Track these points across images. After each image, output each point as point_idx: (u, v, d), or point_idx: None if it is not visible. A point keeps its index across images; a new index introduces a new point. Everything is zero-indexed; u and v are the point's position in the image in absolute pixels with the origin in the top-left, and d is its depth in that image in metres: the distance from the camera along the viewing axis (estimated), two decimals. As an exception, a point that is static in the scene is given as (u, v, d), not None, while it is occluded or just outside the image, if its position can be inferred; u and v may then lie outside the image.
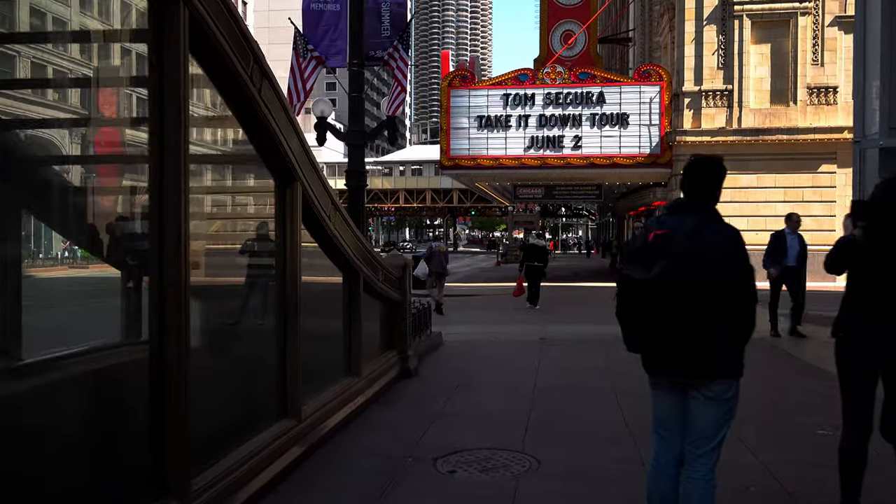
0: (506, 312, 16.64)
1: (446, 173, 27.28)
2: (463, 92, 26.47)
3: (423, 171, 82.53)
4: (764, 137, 24.85)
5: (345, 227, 6.22)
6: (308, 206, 5.37)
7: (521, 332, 12.86)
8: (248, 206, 5.92)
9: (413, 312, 9.91)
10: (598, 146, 25.86)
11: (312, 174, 5.40)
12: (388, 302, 8.18)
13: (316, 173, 5.48)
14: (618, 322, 3.58)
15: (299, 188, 5.17)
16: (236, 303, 5.31)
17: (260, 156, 4.98)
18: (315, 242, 6.03)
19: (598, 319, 14.59)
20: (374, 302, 7.71)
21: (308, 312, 5.50)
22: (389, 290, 7.95)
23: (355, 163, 12.58)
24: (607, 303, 13.67)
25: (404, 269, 8.46)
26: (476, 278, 30.24)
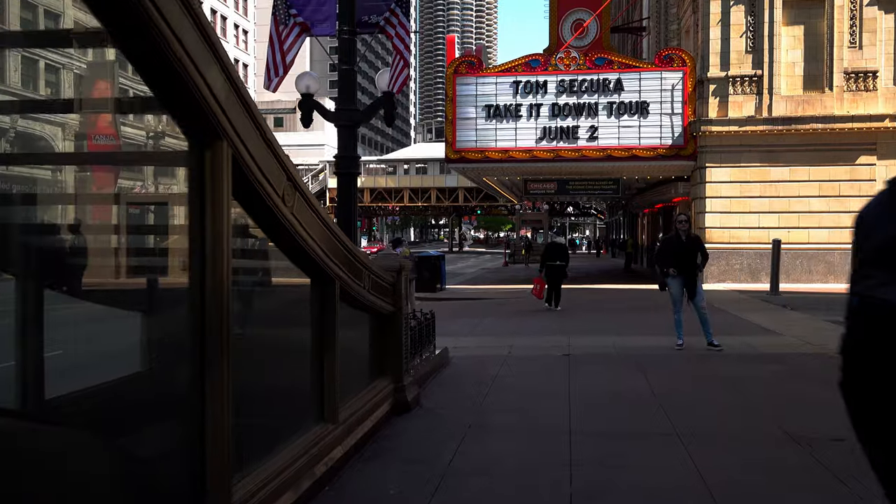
0: (519, 319, 14.75)
1: (452, 167, 25.43)
2: (470, 79, 24.59)
3: (427, 169, 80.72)
4: (797, 127, 22.90)
5: (309, 215, 4.34)
6: (243, 179, 3.49)
7: (539, 345, 10.96)
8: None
9: (412, 325, 8.03)
10: (615, 137, 23.95)
11: (250, 131, 3.52)
12: (377, 316, 6.31)
13: (257, 130, 3.61)
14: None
15: (226, 151, 3.29)
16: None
17: (157, 98, 3.12)
18: (263, 237, 4.19)
19: (624, 329, 12.77)
20: (357, 316, 5.84)
21: (253, 341, 3.65)
22: (379, 300, 6.07)
23: (346, 147, 10.71)
24: (629, 308, 11.80)
25: (400, 273, 6.58)
26: (483, 280, 28.36)
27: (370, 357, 6.29)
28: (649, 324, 13.49)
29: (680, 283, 10.78)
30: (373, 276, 5.81)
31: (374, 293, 5.90)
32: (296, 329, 4.74)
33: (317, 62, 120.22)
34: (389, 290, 6.40)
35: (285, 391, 4.55)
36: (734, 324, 13.14)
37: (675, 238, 11.01)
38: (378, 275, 5.99)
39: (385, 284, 6.26)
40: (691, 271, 10.69)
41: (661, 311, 15.60)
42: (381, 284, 6.14)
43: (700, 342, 10.28)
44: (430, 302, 19.89)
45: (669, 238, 11.28)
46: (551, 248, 18.25)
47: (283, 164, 3.98)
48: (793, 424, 5.85)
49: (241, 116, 3.45)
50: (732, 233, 23.48)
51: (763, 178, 23.33)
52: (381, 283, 6.10)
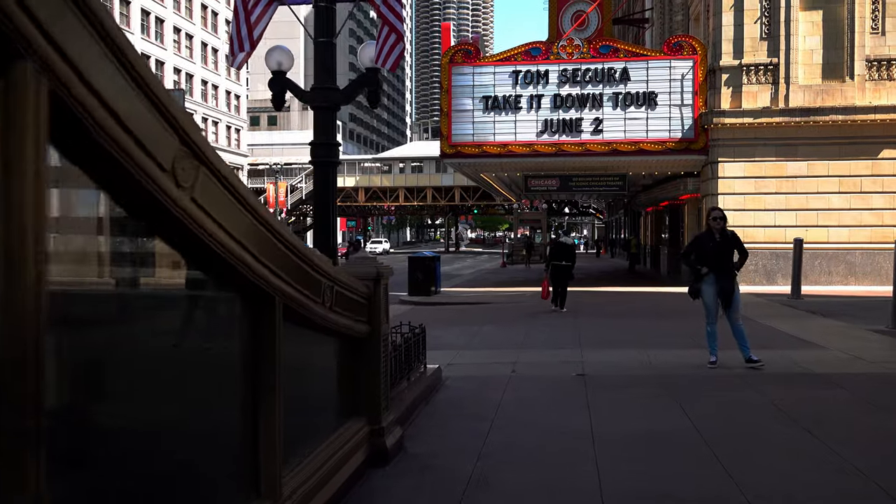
0: (523, 327, 13.25)
1: (448, 162, 23.95)
2: (466, 69, 23.10)
3: (423, 168, 79.13)
4: (815, 118, 21.45)
5: (227, 203, 2.86)
6: (80, 136, 2.00)
7: (548, 360, 9.47)
8: None
9: (395, 344, 6.55)
10: (621, 130, 22.49)
11: (99, 58, 2.02)
12: (347, 339, 4.81)
13: (116, 58, 2.09)
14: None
15: (33, 82, 1.78)
16: None
17: None
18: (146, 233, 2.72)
19: (644, 340, 11.25)
20: (316, 342, 4.35)
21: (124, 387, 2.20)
22: (349, 319, 4.58)
23: (323, 132, 9.23)
24: (644, 314, 10.16)
25: (377, 283, 5.08)
26: (481, 282, 26.86)
27: (337, 393, 4.79)
28: (670, 333, 12.01)
29: (714, 289, 9.27)
30: (338, 287, 4.30)
31: (341, 311, 4.39)
32: (210, 372, 3.24)
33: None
34: (363, 306, 4.90)
35: (189, 468, 3.05)
36: (765, 334, 11.66)
37: (706, 236, 9.48)
38: (347, 286, 4.49)
39: (357, 298, 4.76)
40: (727, 275, 9.18)
41: (681, 318, 14.15)
42: (352, 299, 4.64)
43: (735, 357, 8.80)
44: (424, 307, 18.43)
45: (701, 237, 9.73)
46: (557, 247, 17.27)
47: (175, 120, 2.46)
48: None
49: (77, 27, 1.95)
50: (746, 232, 21.92)
51: (779, 173, 21.87)
52: (351, 296, 4.60)
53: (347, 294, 4.51)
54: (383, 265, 5.21)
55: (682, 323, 13.41)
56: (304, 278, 3.73)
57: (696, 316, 14.85)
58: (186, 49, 63.15)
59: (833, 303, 17.05)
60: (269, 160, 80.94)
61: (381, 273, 5.09)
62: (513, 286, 24.44)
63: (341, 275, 4.44)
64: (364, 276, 5.00)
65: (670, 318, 14.37)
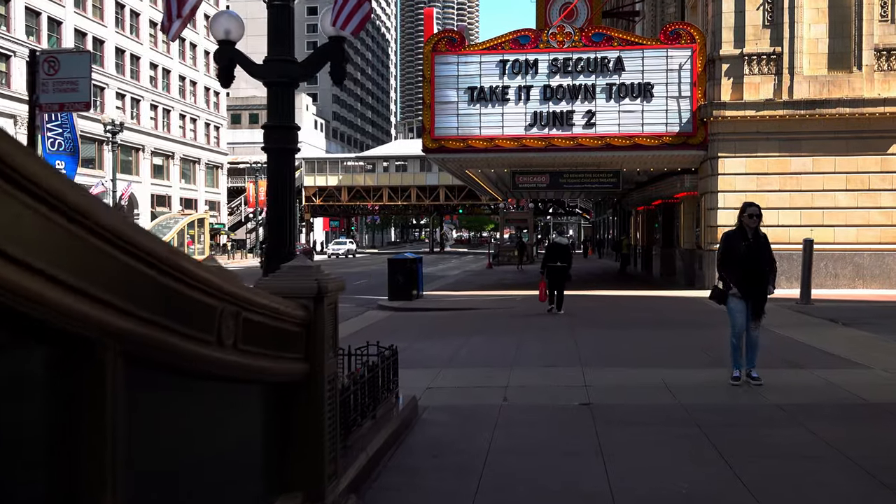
0: (512, 337, 11.80)
1: (430, 158, 22.51)
2: (451, 58, 21.65)
3: (407, 167, 77.66)
4: (821, 111, 20.18)
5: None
6: None
7: (546, 383, 8.02)
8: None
9: (355, 377, 5.10)
10: (615, 123, 21.12)
11: None
12: (268, 387, 3.33)
13: None
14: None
15: None
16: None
17: None
18: None
19: (652, 354, 9.73)
20: (211, 398, 2.87)
21: None
22: (267, 358, 3.11)
23: (279, 112, 7.77)
24: (647, 322, 8.47)
25: (318, 301, 3.60)
26: (467, 285, 25.41)
27: (253, 465, 3.31)
28: (680, 347, 10.61)
29: (744, 299, 7.89)
30: (250, 313, 2.83)
31: (255, 348, 2.92)
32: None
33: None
34: (296, 337, 3.43)
35: None
36: (787, 348, 10.30)
37: (737, 235, 8.04)
38: (265, 310, 3.02)
39: (285, 326, 3.29)
40: (759, 282, 7.88)
41: (688, 328, 12.77)
42: (276, 328, 3.17)
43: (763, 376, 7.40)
44: (405, 314, 16.96)
45: (731, 236, 8.22)
46: (553, 248, 16.48)
47: None
48: None
49: None
50: (748, 232, 20.65)
51: (783, 169, 20.57)
52: (273, 324, 3.13)
53: (267, 322, 3.04)
54: (330, 277, 3.74)
55: (691, 334, 12.05)
56: (175, 304, 2.26)
57: (704, 326, 13.52)
58: (163, 44, 61.23)
59: (845, 308, 15.75)
60: (251, 159, 79.09)
61: (326, 288, 3.62)
62: (501, 289, 23.02)
63: (256, 295, 2.97)
64: (299, 293, 3.53)
65: (676, 327, 12.99)
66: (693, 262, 22.94)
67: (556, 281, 15.81)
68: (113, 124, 42.87)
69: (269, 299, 3.07)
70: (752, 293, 7.85)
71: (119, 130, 43.34)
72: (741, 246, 7.86)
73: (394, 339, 12.47)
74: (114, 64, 54.25)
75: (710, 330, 12.49)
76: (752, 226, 7.92)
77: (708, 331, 12.46)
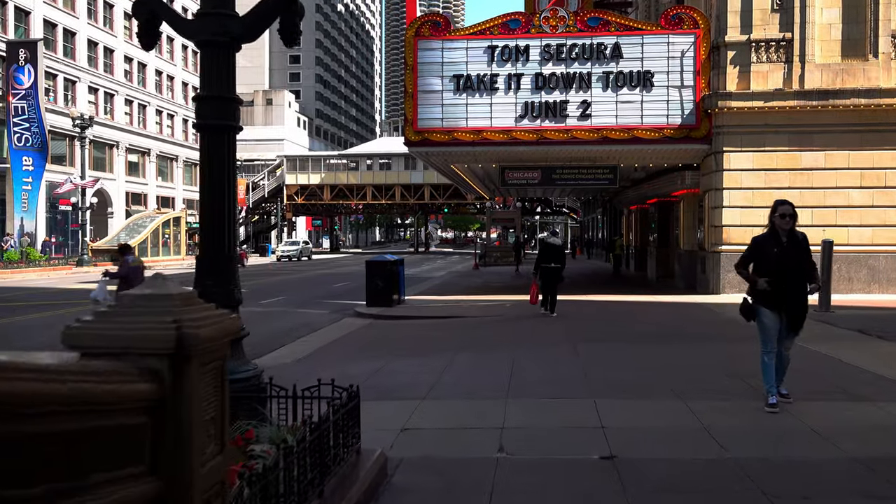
0: (505, 354, 10.17)
1: (413, 151, 20.85)
2: (434, 43, 20.01)
3: (391, 165, 75.89)
4: (834, 102, 18.70)
5: None
6: None
7: (550, 423, 6.38)
8: None
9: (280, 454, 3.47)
10: (612, 115, 19.56)
11: None
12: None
13: None
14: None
15: None
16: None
17: None
18: None
19: (672, 380, 7.89)
20: None
21: None
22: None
23: (214, 80, 6.15)
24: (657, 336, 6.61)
25: (182, 362, 1.96)
26: (452, 288, 23.75)
27: None
28: (703, 367, 9.04)
29: (777, 311, 6.64)
30: None
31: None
32: None
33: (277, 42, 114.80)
34: (132, 433, 1.80)
35: None
36: (829, 369, 8.77)
37: (769, 239, 6.79)
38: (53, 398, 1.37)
39: (106, 422, 1.65)
40: (797, 291, 6.72)
41: (704, 342, 11.20)
42: (80, 430, 1.53)
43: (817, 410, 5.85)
44: (384, 322, 15.31)
45: (761, 240, 6.99)
46: (546, 249, 15.88)
47: None
48: None
49: None
50: (755, 232, 19.07)
51: (793, 164, 19.07)
52: (78, 423, 1.49)
53: (64, 416, 1.40)
54: (209, 317, 2.09)
55: (708, 350, 10.49)
56: None
57: (719, 339, 11.76)
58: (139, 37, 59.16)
59: (868, 317, 14.27)
60: (231, 156, 77.04)
61: (195, 339, 1.97)
62: (489, 293, 21.39)
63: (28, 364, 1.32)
64: (142, 346, 1.89)
65: (688, 341, 11.42)
66: (694, 264, 21.42)
67: (550, 282, 15.33)
68: (82, 118, 40.90)
69: (55, 382, 1.42)
70: (787, 305, 6.70)
71: (88, 125, 41.37)
72: (773, 251, 6.62)
73: (367, 356, 10.83)
74: (86, 57, 52.18)
75: (729, 345, 10.95)
76: (785, 227, 6.82)
77: (726, 346, 10.91)
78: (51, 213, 47.83)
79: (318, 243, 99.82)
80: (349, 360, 10.05)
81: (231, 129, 6.18)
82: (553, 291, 15.42)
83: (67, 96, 50.50)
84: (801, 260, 6.80)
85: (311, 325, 15.30)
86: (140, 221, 50.55)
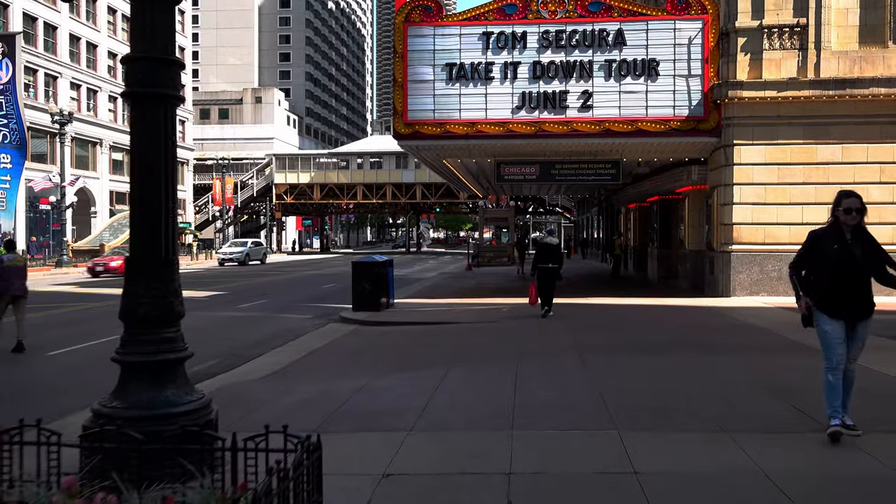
0: (506, 369, 8.92)
1: (403, 145, 19.59)
2: (426, 30, 18.76)
3: (382, 164, 74.53)
4: (852, 92, 17.54)
5: None
6: None
7: (570, 467, 5.11)
8: None
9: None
10: (615, 106, 18.36)
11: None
12: None
13: None
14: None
15: None
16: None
17: None
18: None
19: (708, 404, 6.73)
20: None
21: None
22: None
23: (149, 35, 4.89)
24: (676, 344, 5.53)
25: None
26: (444, 291, 22.49)
27: None
28: (734, 381, 7.80)
29: (840, 318, 5.65)
30: None
31: None
32: None
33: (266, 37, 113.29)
34: None
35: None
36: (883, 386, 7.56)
37: (830, 234, 5.66)
38: None
39: None
40: (861, 295, 5.67)
41: (728, 352, 9.97)
42: None
43: None
44: (370, 328, 14.03)
45: (819, 235, 5.82)
46: (544, 249, 15.46)
47: None
48: None
49: None
50: (768, 231, 18.00)
51: (808, 159, 17.90)
52: None
53: None
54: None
55: (737, 363, 9.26)
56: None
57: (745, 350, 10.12)
58: (123, 32, 57.69)
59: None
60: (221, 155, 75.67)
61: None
62: (483, 296, 20.14)
63: None
64: None
65: (713, 353, 10.16)
66: (701, 265, 20.22)
67: (547, 282, 15.06)
68: (61, 114, 39.49)
69: None
70: (850, 312, 5.64)
71: (68, 121, 39.95)
72: (833, 248, 5.60)
73: (348, 371, 9.51)
74: (68, 52, 50.65)
75: (759, 356, 9.74)
76: (851, 223, 5.67)
77: (756, 357, 9.69)
78: (32, 212, 46.34)
79: (309, 243, 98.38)
80: (326, 377, 8.78)
81: (169, 99, 4.90)
82: (550, 291, 15.07)
83: (48, 92, 49.00)
84: (872, 260, 5.65)
85: (291, 332, 14.02)
86: (124, 221, 49.09)
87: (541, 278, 15.12)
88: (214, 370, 9.90)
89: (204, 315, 17.22)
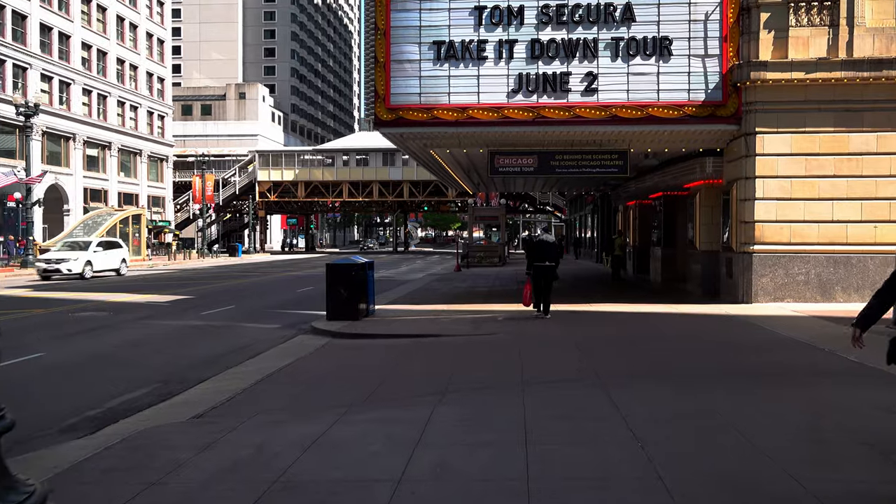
0: (510, 407, 6.92)
1: (385, 133, 17.53)
2: (411, 3, 16.73)
3: (369, 161, 72.42)
4: (889, 74, 15.64)
5: None
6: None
7: None
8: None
9: None
10: (623, 89, 16.38)
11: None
12: None
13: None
14: None
15: None
16: None
17: None
18: None
19: (793, 458, 4.84)
20: None
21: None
22: None
23: None
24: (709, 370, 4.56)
25: None
26: (432, 295, 20.43)
27: None
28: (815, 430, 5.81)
29: None
30: None
31: None
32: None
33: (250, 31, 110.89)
34: None
35: None
36: None
37: None
38: None
39: None
40: None
41: (785, 383, 7.94)
42: None
43: None
44: (344, 343, 11.95)
45: None
46: (540, 247, 14.77)
47: None
48: None
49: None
50: (794, 229, 16.07)
51: (839, 149, 15.97)
52: None
53: None
54: None
55: (807, 399, 7.23)
56: None
57: (807, 377, 8.30)
58: (98, 23, 55.31)
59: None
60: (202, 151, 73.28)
61: None
62: (475, 301, 18.12)
63: None
64: None
65: (774, 383, 8.07)
66: (717, 267, 18.27)
67: (544, 281, 14.42)
68: (26, 106, 37.18)
69: None
70: None
71: (34, 113, 37.61)
72: None
73: (304, 409, 7.23)
74: (38, 42, 48.22)
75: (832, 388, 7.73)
76: None
77: (829, 390, 7.67)
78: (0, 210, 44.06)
79: (294, 243, 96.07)
80: (274, 418, 6.72)
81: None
82: (547, 291, 14.51)
83: (17, 84, 46.63)
84: None
85: (252, 346, 11.95)
86: (96, 219, 46.76)
87: (536, 277, 14.44)
88: (139, 403, 7.83)
89: (157, 324, 15.12)
